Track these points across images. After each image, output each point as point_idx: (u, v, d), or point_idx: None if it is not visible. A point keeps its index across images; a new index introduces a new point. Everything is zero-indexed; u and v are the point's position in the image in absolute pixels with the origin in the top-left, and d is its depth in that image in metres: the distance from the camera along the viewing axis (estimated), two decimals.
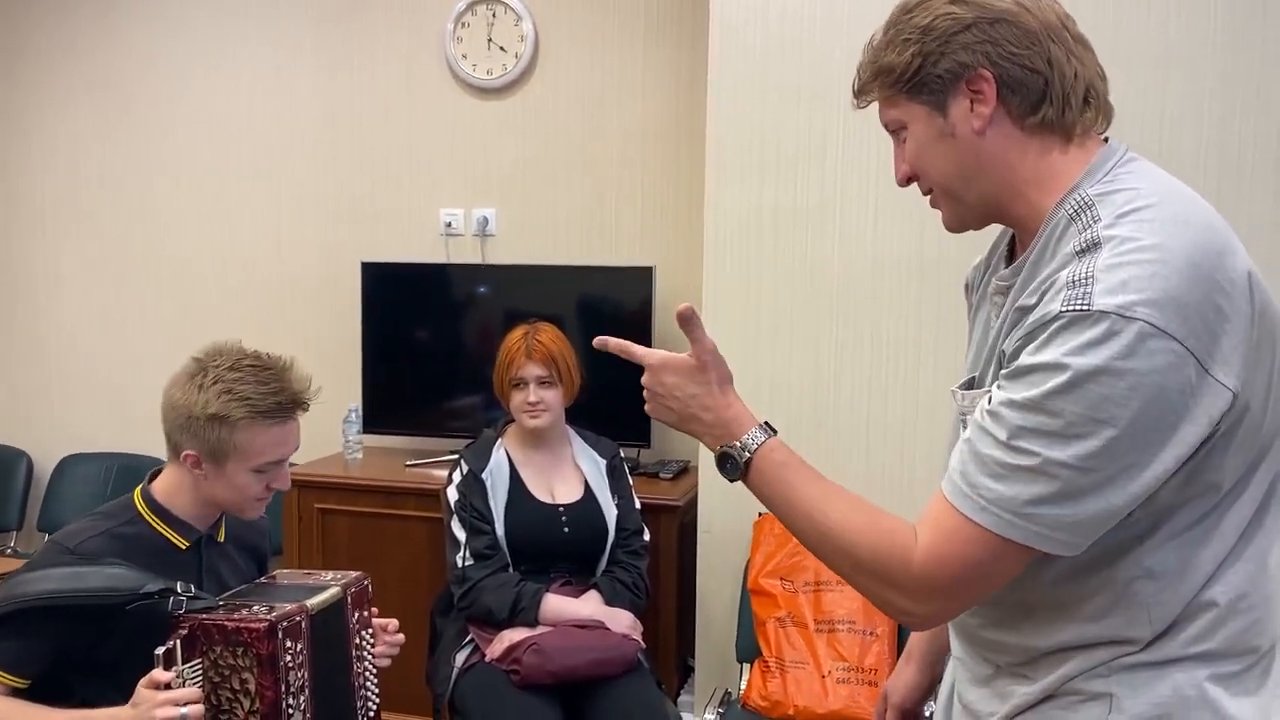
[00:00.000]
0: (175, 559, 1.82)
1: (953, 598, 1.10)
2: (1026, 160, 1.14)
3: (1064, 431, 1.00)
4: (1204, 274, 1.00)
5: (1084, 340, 0.99)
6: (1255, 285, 1.04)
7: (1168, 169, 1.13)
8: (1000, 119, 1.13)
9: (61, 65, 4.09)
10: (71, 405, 4.16)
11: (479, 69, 3.62)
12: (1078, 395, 0.99)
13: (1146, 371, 0.97)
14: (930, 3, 1.14)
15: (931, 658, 1.56)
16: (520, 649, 2.44)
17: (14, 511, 3.98)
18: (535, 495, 2.67)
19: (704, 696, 2.97)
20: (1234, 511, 1.08)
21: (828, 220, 2.84)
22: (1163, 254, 1.00)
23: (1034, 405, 1.01)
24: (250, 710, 1.66)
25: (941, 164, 1.17)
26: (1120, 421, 0.98)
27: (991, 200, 1.17)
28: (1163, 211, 1.04)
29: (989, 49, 1.11)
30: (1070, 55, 1.12)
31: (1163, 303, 0.98)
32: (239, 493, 1.82)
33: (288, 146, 3.88)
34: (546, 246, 3.61)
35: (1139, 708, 1.08)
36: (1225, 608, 1.08)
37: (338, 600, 1.84)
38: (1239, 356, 1.01)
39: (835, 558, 1.15)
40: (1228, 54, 2.55)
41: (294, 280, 3.90)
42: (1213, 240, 1.03)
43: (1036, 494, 1.01)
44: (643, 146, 3.52)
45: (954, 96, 1.13)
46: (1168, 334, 0.97)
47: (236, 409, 1.76)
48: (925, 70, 1.13)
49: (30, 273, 4.21)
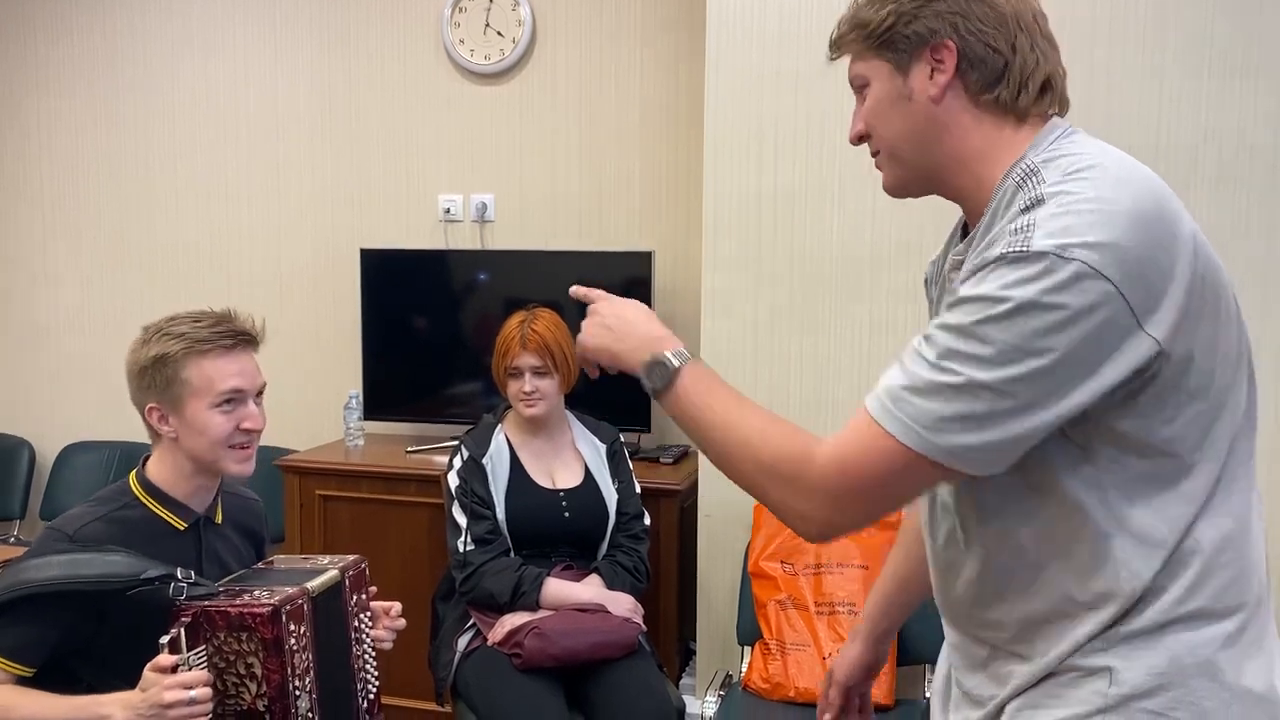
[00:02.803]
0: (174, 541, 1.83)
1: (850, 505, 1.11)
2: (975, 134, 1.18)
3: (991, 358, 1.03)
4: (1144, 227, 1.04)
5: (1020, 276, 1.02)
6: (1199, 246, 1.08)
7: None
8: (956, 90, 1.17)
9: (57, 52, 4.08)
10: (73, 394, 4.16)
11: (476, 54, 3.61)
12: (1008, 325, 1.02)
13: (1077, 309, 1.01)
14: None
15: (877, 636, 1.59)
16: (522, 633, 2.45)
17: (16, 500, 3.99)
18: (536, 480, 2.67)
19: (705, 679, 2.98)
20: (1200, 470, 1.10)
21: (826, 204, 2.84)
22: (1104, 205, 1.04)
23: (966, 331, 1.04)
24: (258, 694, 1.68)
25: (894, 124, 1.21)
26: (1047, 354, 1.02)
27: (935, 168, 1.21)
28: (1106, 172, 1.09)
29: (958, 21, 1.16)
30: (1034, 45, 1.18)
31: (1100, 247, 1.01)
32: (206, 436, 1.81)
33: (286, 133, 3.87)
34: (545, 232, 3.61)
35: (1138, 678, 1.10)
36: (1208, 559, 1.10)
37: (336, 582, 1.85)
38: (1174, 311, 1.04)
39: (742, 463, 1.17)
40: (1226, 34, 2.56)
41: (293, 267, 3.90)
42: (1154, 198, 1.07)
43: (955, 412, 1.04)
44: (641, 130, 3.51)
45: (917, 60, 1.18)
46: (1103, 276, 1.01)
47: (175, 345, 1.80)
48: (896, 29, 1.18)
49: (29, 261, 4.20)
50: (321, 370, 3.79)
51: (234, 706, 1.69)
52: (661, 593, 3.06)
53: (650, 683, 2.50)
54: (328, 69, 3.80)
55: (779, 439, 1.15)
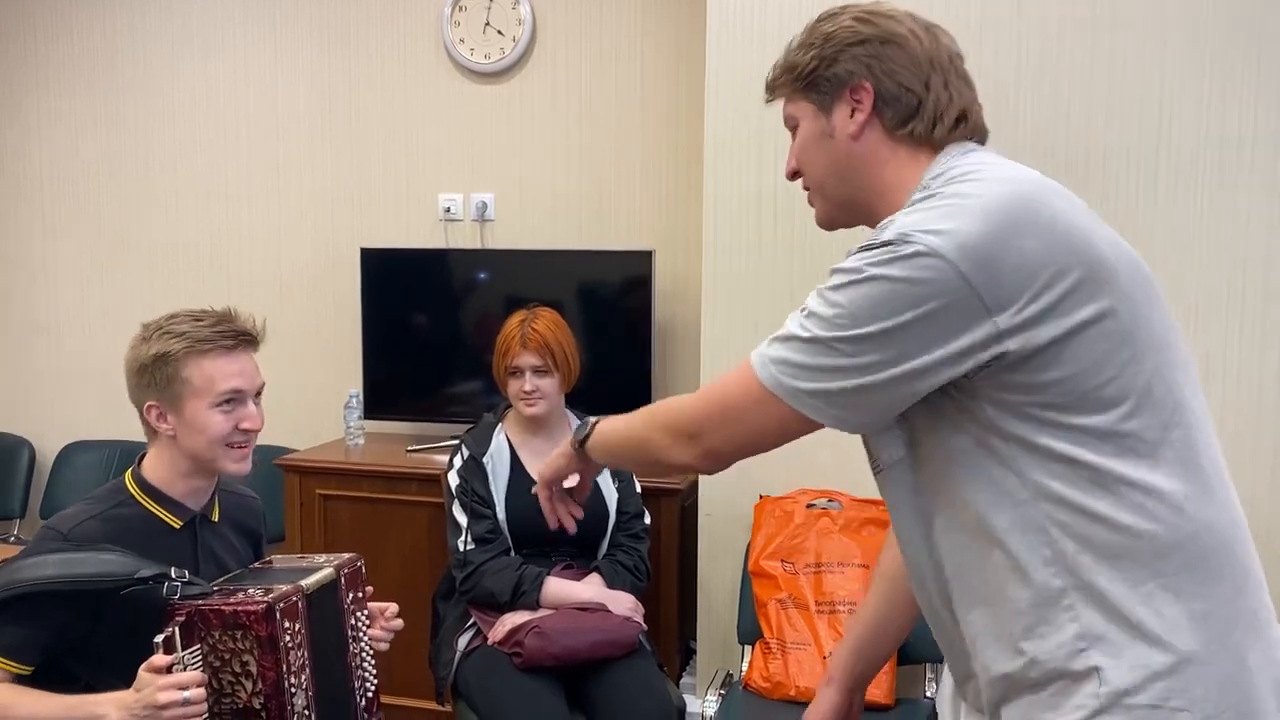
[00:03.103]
0: (170, 539, 1.83)
1: (713, 435, 1.25)
2: (891, 166, 1.29)
3: (837, 318, 1.15)
4: (998, 218, 1.12)
5: (869, 256, 1.15)
6: (1089, 239, 1.15)
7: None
8: (874, 126, 1.28)
9: (57, 51, 4.08)
10: (73, 393, 4.16)
11: (476, 53, 3.61)
12: (853, 292, 1.15)
13: (914, 282, 1.11)
14: (840, 16, 1.31)
15: (851, 685, 1.61)
16: (522, 632, 2.45)
17: (16, 499, 3.99)
18: (536, 479, 2.67)
19: (706, 678, 2.98)
20: (1143, 462, 1.14)
21: None
22: (959, 200, 1.15)
23: (823, 295, 1.18)
24: (254, 692, 1.67)
25: (820, 161, 1.33)
26: (884, 320, 1.12)
27: (858, 200, 1.32)
28: (977, 177, 1.19)
29: (874, 64, 1.27)
30: (948, 84, 1.28)
31: (943, 233, 1.11)
32: (205, 435, 1.81)
33: (286, 133, 3.87)
34: (546, 231, 3.60)
35: (1124, 675, 1.12)
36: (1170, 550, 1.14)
37: (331, 580, 1.85)
38: (1039, 297, 1.11)
39: (643, 441, 1.34)
40: (1227, 30, 2.55)
41: (293, 267, 3.89)
42: (1019, 195, 1.16)
43: (803, 361, 1.17)
44: (642, 129, 3.51)
45: (838, 101, 1.29)
46: (942, 257, 1.10)
47: (176, 343, 1.79)
48: (819, 72, 1.30)
49: (29, 260, 4.20)
50: (322, 369, 3.79)
51: (230, 705, 1.69)
52: (662, 592, 3.05)
53: (651, 682, 2.49)
54: (328, 68, 3.80)
55: (663, 407, 1.33)
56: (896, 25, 1.28)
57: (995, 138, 2.98)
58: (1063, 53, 2.66)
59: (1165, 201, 2.61)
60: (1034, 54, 2.67)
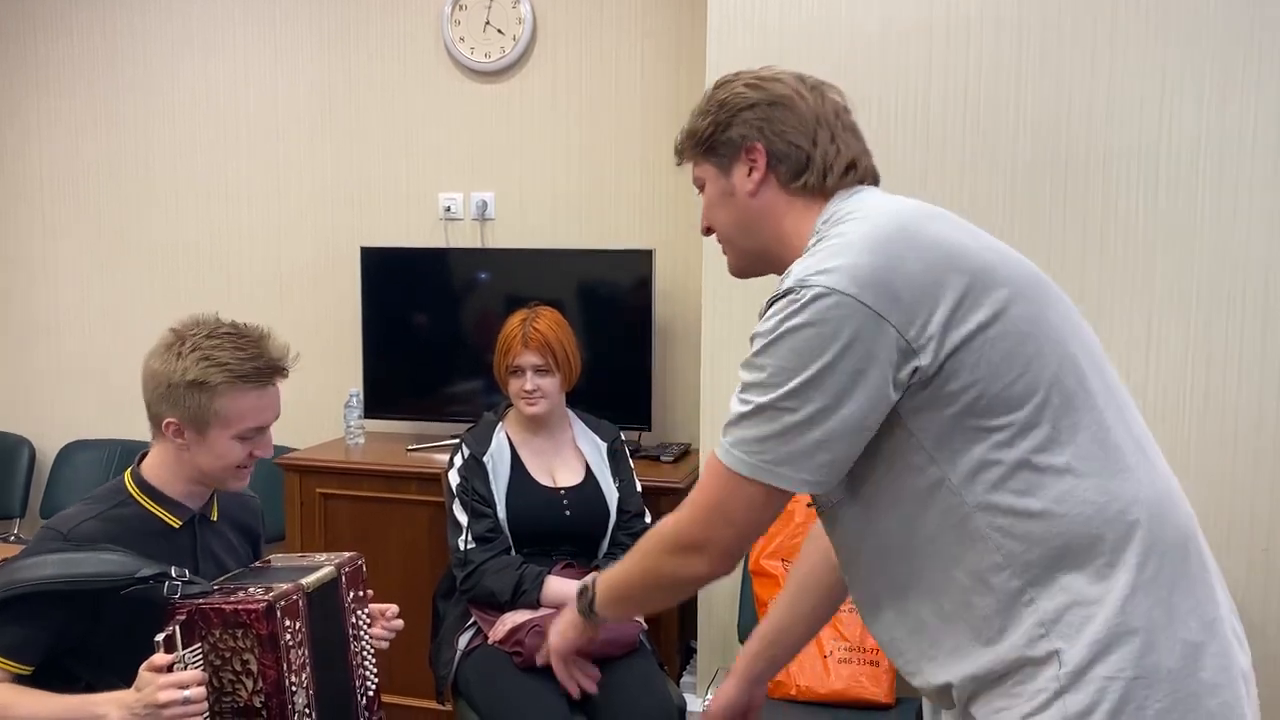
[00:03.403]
0: (169, 539, 1.82)
1: (714, 538, 1.28)
2: (789, 217, 1.38)
3: (770, 379, 1.20)
4: (882, 246, 1.20)
5: (776, 310, 1.22)
6: (959, 247, 1.22)
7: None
8: (770, 183, 1.38)
9: (57, 51, 4.08)
10: (73, 392, 4.16)
11: (476, 52, 3.61)
12: (774, 350, 1.20)
13: (822, 322, 1.17)
14: (732, 83, 1.42)
15: (753, 678, 1.68)
16: (523, 631, 2.45)
17: (17, 499, 3.99)
18: (536, 479, 2.67)
19: (706, 677, 2.98)
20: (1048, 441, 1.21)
21: None
22: (842, 239, 1.23)
23: (748, 364, 1.24)
24: (254, 690, 1.67)
25: (724, 217, 1.43)
26: (810, 367, 1.18)
27: (764, 250, 1.41)
28: (859, 215, 1.28)
29: (764, 126, 1.37)
30: (835, 138, 1.37)
31: (833, 270, 1.19)
32: (221, 460, 1.81)
33: (286, 132, 3.87)
34: (546, 230, 3.60)
35: (1081, 652, 1.17)
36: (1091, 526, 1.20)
37: (332, 579, 1.85)
38: (936, 309, 1.18)
39: (652, 573, 1.37)
40: (1227, 32, 2.55)
41: (294, 266, 3.89)
42: (897, 222, 1.24)
43: (757, 434, 1.22)
44: (642, 128, 3.51)
45: (736, 161, 1.39)
46: (840, 292, 1.17)
47: (215, 374, 1.76)
48: (716, 136, 1.40)
49: (29, 260, 4.20)
50: (322, 368, 3.78)
51: (230, 704, 1.69)
52: None
53: (651, 681, 2.49)
54: (328, 67, 3.80)
55: (655, 534, 1.36)
56: (783, 88, 1.38)
57: (996, 138, 2.99)
58: (1063, 53, 2.65)
59: (1165, 202, 2.61)
60: (1035, 54, 2.67)
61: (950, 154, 2.74)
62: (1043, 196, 2.70)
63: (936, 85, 2.74)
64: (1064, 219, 2.69)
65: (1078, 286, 2.69)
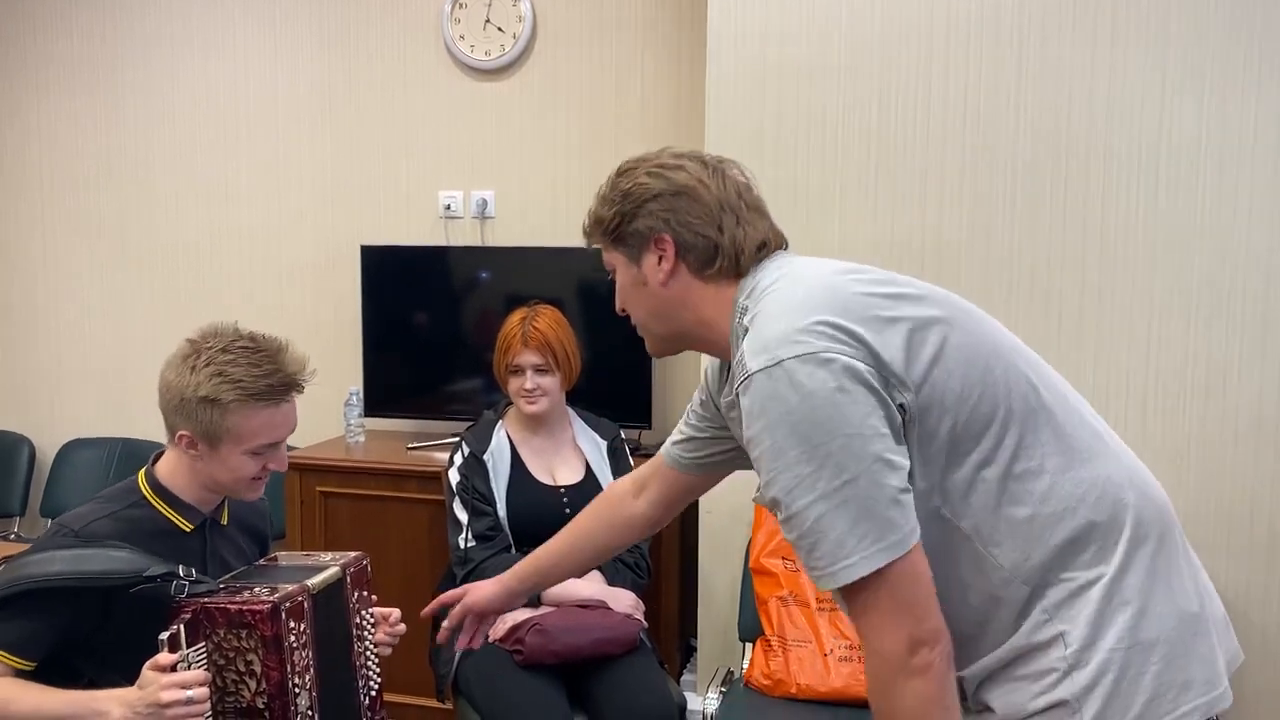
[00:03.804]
0: (180, 542, 1.82)
1: (915, 631, 1.18)
2: (708, 302, 1.37)
3: (805, 480, 1.17)
4: (823, 302, 1.22)
5: (758, 406, 1.19)
6: (885, 289, 1.27)
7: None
8: (681, 272, 1.37)
9: (57, 49, 4.08)
10: (72, 391, 4.16)
11: (477, 50, 3.60)
12: (786, 451, 1.17)
13: (810, 391, 1.16)
14: (635, 171, 1.42)
15: (516, 591, 1.84)
16: (523, 629, 2.45)
17: (17, 497, 3.99)
18: (536, 477, 2.67)
19: (706, 675, 2.98)
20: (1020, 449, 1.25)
21: (827, 201, 2.84)
22: (783, 305, 1.24)
23: (775, 480, 1.19)
24: (257, 691, 1.67)
25: (639, 305, 1.43)
26: (833, 436, 1.16)
27: (684, 334, 1.42)
28: (781, 282, 1.30)
29: (670, 217, 1.36)
30: (741, 221, 1.37)
31: (791, 338, 1.19)
32: (234, 474, 1.81)
33: (286, 131, 3.87)
34: (546, 228, 3.60)
35: (1084, 631, 1.22)
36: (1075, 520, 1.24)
37: (338, 580, 1.85)
38: (887, 348, 1.20)
39: (910, 715, 1.21)
40: (1228, 33, 2.55)
41: (293, 264, 3.89)
42: (823, 281, 1.27)
43: (840, 530, 1.16)
44: (642, 126, 3.51)
45: (645, 251, 1.39)
46: (810, 354, 1.17)
47: (227, 391, 1.74)
48: (623, 228, 1.40)
49: (29, 258, 4.20)
50: (322, 367, 3.70)
51: (233, 703, 1.69)
52: (663, 589, 3.05)
53: (651, 679, 2.50)
54: (328, 66, 3.80)
55: (876, 697, 1.22)
56: (685, 177, 1.38)
57: (997, 137, 2.99)
58: (1063, 53, 2.66)
59: (1166, 201, 2.61)
60: (1035, 53, 2.67)
61: (950, 154, 2.74)
62: (1043, 196, 2.70)
63: (937, 85, 2.74)
64: (1064, 218, 2.69)
65: (1078, 285, 2.69)
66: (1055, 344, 2.71)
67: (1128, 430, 2.64)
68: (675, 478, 1.70)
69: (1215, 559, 1.42)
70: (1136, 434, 2.65)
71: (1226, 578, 2.54)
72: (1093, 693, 1.21)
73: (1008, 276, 2.74)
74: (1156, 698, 1.22)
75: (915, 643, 1.18)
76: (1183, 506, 1.43)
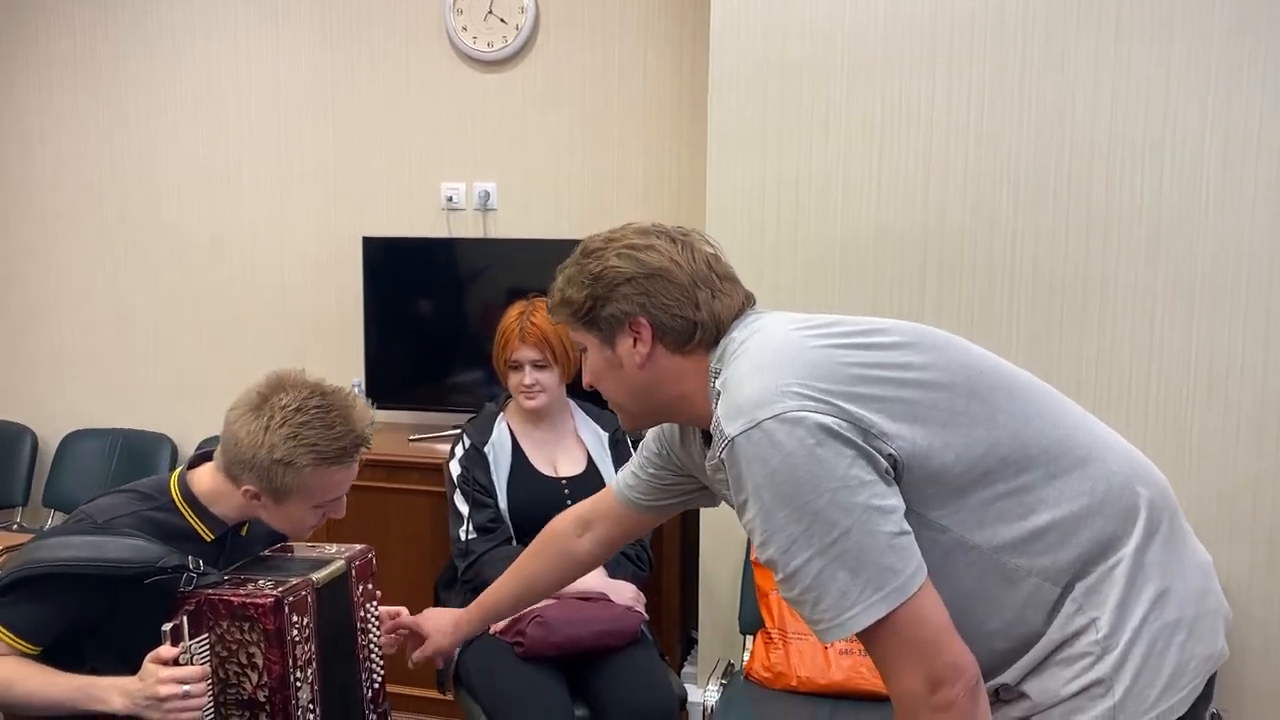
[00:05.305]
0: (198, 548, 1.80)
1: (935, 666, 1.18)
2: (689, 377, 1.36)
3: (801, 536, 1.17)
4: (791, 360, 1.22)
5: (743, 471, 1.19)
6: (853, 338, 1.27)
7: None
8: (660, 352, 1.36)
9: (57, 41, 4.07)
10: (74, 381, 4.16)
11: (479, 41, 3.60)
12: (777, 506, 1.17)
13: (789, 451, 1.16)
14: (604, 252, 1.37)
15: (465, 625, 1.94)
16: (524, 621, 2.45)
17: (19, 488, 4.00)
18: (538, 468, 2.67)
19: (707, 668, 2.99)
20: (1024, 467, 1.27)
21: (830, 192, 2.83)
22: (753, 368, 1.24)
23: (771, 540, 1.19)
24: (258, 684, 1.68)
25: (614, 386, 1.42)
26: (820, 491, 1.16)
27: (662, 409, 1.42)
28: (748, 344, 1.30)
29: (644, 300, 1.35)
30: (716, 294, 1.36)
31: (766, 400, 1.18)
32: (295, 524, 1.82)
33: (288, 122, 3.86)
34: (548, 220, 3.60)
35: (1111, 613, 1.26)
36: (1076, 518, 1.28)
37: (342, 573, 1.85)
38: (868, 390, 1.21)
39: None
40: (1234, 29, 2.54)
41: (295, 256, 3.89)
42: (790, 341, 1.26)
43: (848, 579, 1.16)
44: (644, 118, 3.50)
45: (620, 335, 1.37)
46: (785, 413, 1.17)
47: (303, 456, 1.72)
48: (595, 311, 1.37)
49: (31, 248, 4.20)
50: (323, 359, 3.78)
51: (235, 695, 1.69)
52: (664, 582, 3.06)
53: (652, 672, 2.50)
54: (330, 58, 3.79)
55: None
56: (658, 257, 1.35)
57: (1002, 133, 2.99)
58: (1068, 48, 2.65)
59: (1170, 195, 2.61)
60: (1039, 48, 2.67)
61: (953, 151, 2.73)
62: (1046, 190, 2.69)
63: (940, 82, 2.73)
64: (1068, 212, 2.68)
65: (1081, 281, 2.69)
66: (1058, 338, 2.71)
67: (1129, 422, 2.64)
68: (625, 515, 1.75)
69: (1216, 553, 1.43)
70: (1138, 426, 2.65)
71: (1228, 573, 2.54)
72: (1123, 669, 1.24)
73: (1011, 271, 2.73)
74: (1180, 667, 1.26)
75: (934, 682, 1.18)
76: (1185, 498, 1.44)
